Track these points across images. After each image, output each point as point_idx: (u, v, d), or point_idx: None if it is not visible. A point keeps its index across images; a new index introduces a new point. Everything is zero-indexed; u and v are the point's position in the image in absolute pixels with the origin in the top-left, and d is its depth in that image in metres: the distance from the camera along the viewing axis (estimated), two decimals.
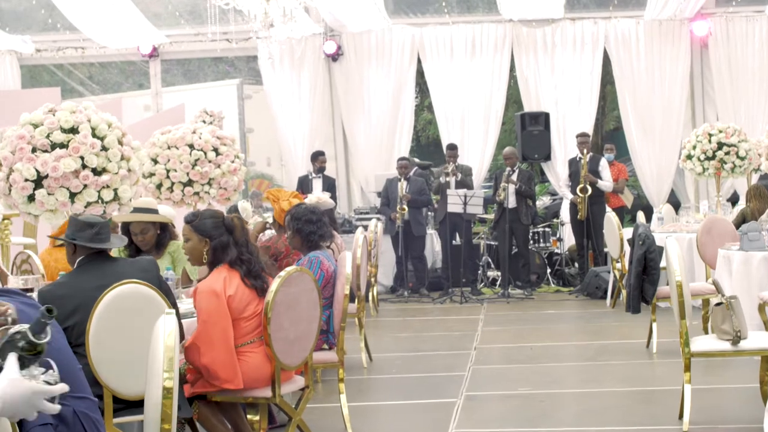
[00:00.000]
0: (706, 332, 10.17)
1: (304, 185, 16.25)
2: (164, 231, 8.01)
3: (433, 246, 17.18)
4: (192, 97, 17.68)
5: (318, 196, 11.42)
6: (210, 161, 9.97)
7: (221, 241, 6.24)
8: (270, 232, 10.31)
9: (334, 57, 18.33)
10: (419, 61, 18.29)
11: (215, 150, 10.03)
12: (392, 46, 18.18)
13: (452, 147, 16.69)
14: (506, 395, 8.91)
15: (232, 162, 10.14)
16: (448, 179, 16.23)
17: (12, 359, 2.87)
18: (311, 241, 8.05)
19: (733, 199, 17.46)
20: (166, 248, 8.00)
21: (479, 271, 16.70)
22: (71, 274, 5.88)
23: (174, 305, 5.84)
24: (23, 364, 2.92)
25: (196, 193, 9.96)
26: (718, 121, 16.24)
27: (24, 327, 2.96)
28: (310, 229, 8.07)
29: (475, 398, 8.77)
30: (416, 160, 18.68)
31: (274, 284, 6.09)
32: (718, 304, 7.31)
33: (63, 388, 2.91)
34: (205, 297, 6.11)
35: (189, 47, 18.82)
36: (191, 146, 9.95)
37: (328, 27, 18.20)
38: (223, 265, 6.25)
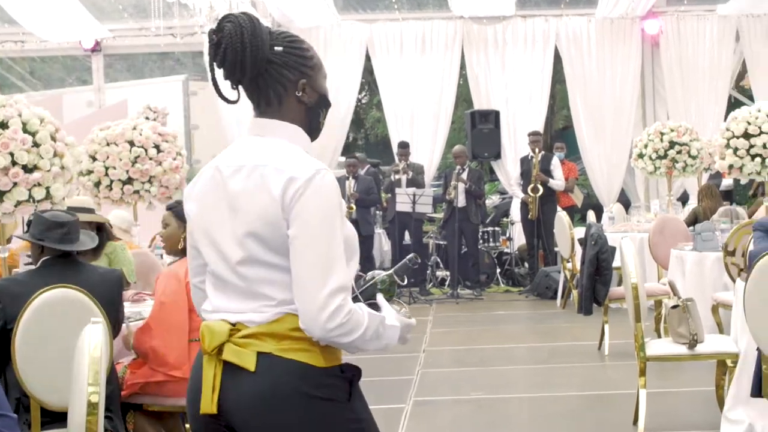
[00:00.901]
0: (659, 333, 10.03)
1: None
2: (101, 231, 7.69)
3: (381, 246, 16.97)
4: (136, 93, 17.34)
5: None
6: (151, 158, 9.74)
7: None
8: None
9: None
10: (368, 57, 18.05)
11: (156, 147, 9.79)
12: (341, 42, 17.94)
13: (404, 145, 16.52)
14: (457, 400, 8.73)
15: (174, 159, 9.89)
16: (398, 177, 16.03)
17: (383, 299, 3.28)
18: None
19: (683, 199, 17.43)
20: (102, 250, 7.69)
21: (428, 271, 16.50)
22: (32, 273, 5.68)
23: (116, 321, 5.66)
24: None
25: (136, 192, 9.73)
26: (669, 120, 16.16)
27: (388, 272, 3.37)
28: None
29: (425, 404, 8.55)
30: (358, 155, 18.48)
31: None
32: (674, 307, 7.15)
33: (414, 322, 3.30)
34: (166, 278, 5.99)
35: (133, 42, 18.41)
36: (131, 143, 9.72)
37: (276, 22, 17.89)
38: None
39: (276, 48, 3.21)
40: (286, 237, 3.06)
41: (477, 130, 17.16)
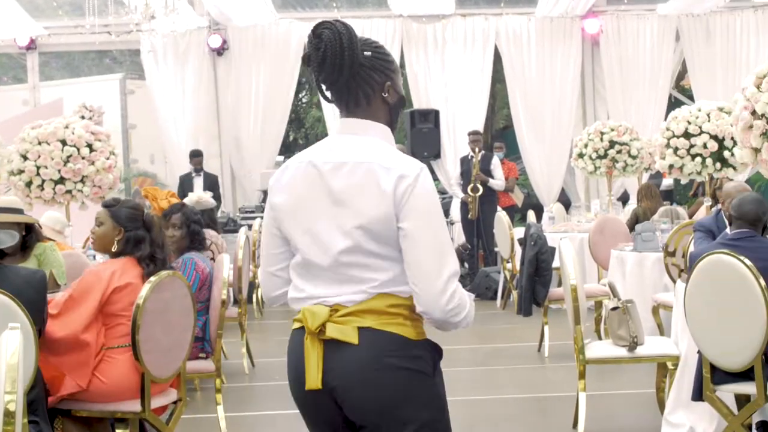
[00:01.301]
0: (599, 335, 9.98)
1: (185, 183, 15.77)
2: (30, 232, 7.49)
3: None
4: (72, 92, 17.11)
5: (199, 195, 11.00)
6: (83, 158, 9.55)
7: (137, 234, 5.90)
8: None
9: (220, 51, 17.87)
10: None
11: (89, 146, 9.60)
12: (279, 41, 17.77)
13: None
14: None
15: (107, 158, 9.70)
16: None
17: None
18: (201, 243, 7.68)
19: (624, 199, 17.45)
20: (32, 251, 7.49)
21: None
22: None
23: (41, 324, 5.43)
24: None
25: (69, 192, 9.55)
26: (609, 119, 16.17)
27: None
28: (202, 231, 7.77)
29: None
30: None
31: (144, 289, 5.64)
32: (614, 309, 7.06)
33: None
34: (87, 275, 5.76)
35: (68, 40, 18.15)
36: (63, 142, 9.52)
37: (213, 20, 17.74)
38: (127, 257, 5.86)
39: (365, 53, 3.48)
40: (395, 230, 3.35)
41: (416, 130, 17.06)
